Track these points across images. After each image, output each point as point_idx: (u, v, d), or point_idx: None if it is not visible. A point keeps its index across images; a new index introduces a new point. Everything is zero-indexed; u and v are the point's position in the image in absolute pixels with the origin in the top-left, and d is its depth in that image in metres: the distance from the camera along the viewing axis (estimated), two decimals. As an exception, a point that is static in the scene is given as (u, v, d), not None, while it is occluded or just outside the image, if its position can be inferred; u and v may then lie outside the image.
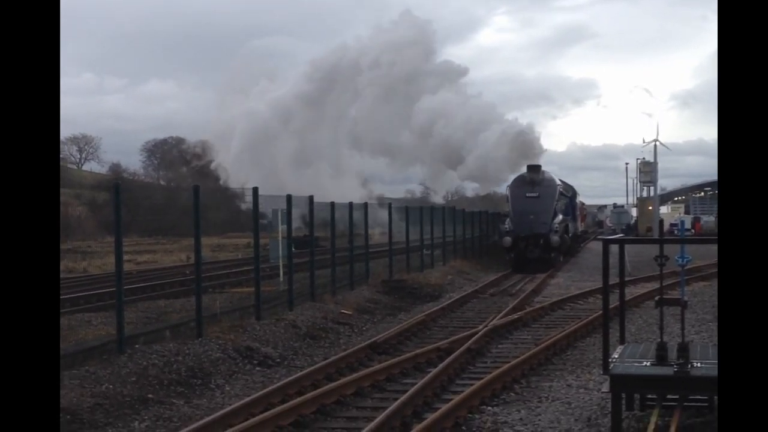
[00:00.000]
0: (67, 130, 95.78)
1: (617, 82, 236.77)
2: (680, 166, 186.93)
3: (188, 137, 72.13)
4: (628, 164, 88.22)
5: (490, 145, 48.33)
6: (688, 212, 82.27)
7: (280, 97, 56.83)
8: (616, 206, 57.90)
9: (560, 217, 37.42)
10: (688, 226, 55.84)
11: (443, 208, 40.08)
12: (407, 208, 31.70)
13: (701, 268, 29.23)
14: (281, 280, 19.67)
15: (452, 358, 13.03)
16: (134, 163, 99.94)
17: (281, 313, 17.42)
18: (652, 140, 67.20)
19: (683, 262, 9.77)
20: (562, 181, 41.65)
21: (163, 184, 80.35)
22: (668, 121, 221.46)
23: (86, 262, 36.85)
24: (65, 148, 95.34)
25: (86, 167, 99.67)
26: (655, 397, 8.85)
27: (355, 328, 18.08)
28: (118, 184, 13.57)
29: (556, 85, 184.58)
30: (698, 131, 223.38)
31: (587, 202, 73.09)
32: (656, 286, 16.80)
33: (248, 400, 10.36)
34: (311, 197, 20.73)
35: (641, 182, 73.98)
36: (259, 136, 55.46)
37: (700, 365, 8.40)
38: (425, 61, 55.94)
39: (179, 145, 78.21)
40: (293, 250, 19.43)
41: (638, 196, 76.51)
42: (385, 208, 30.46)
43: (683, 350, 8.49)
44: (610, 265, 8.53)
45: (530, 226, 35.54)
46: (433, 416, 9.59)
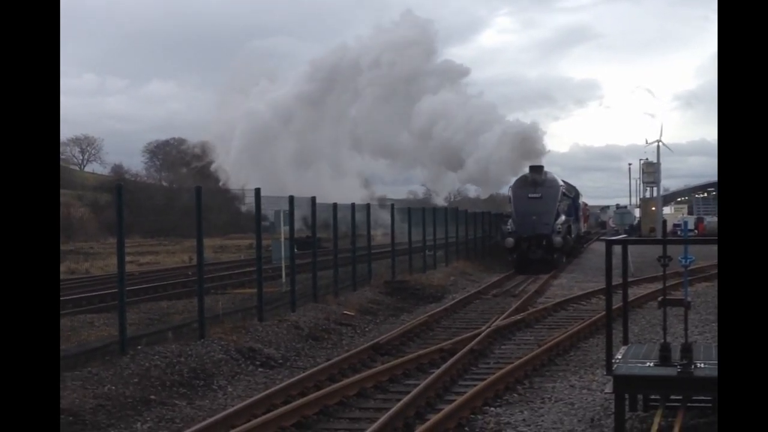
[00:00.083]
0: (69, 131, 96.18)
1: (619, 82, 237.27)
2: (683, 166, 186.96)
3: (190, 138, 71.95)
4: (631, 165, 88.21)
5: (491, 146, 48.03)
6: (691, 213, 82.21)
7: (280, 97, 56.46)
8: (619, 207, 57.91)
9: (563, 217, 37.24)
10: (691, 226, 55.77)
11: (446, 208, 40.01)
12: (410, 209, 31.69)
13: (704, 268, 29.17)
14: (284, 281, 19.67)
15: (455, 359, 13.02)
16: (136, 164, 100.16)
17: (284, 314, 17.41)
18: (654, 141, 67.23)
19: (686, 262, 9.74)
20: (564, 181, 41.52)
21: (165, 185, 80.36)
22: (671, 121, 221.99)
23: (88, 263, 36.87)
24: (67, 149, 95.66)
25: (88, 168, 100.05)
26: (658, 397, 8.83)
27: (357, 329, 18.06)
28: (120, 185, 13.59)
29: (558, 85, 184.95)
30: (701, 131, 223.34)
31: (590, 202, 73.05)
32: (659, 286, 16.80)
33: (251, 401, 10.36)
34: (313, 198, 20.73)
35: (644, 183, 73.82)
36: (259, 136, 55.05)
37: (703, 366, 8.37)
38: (426, 61, 55.57)
39: (180, 146, 78.18)
40: (295, 251, 19.43)
41: (641, 196, 76.36)
42: (386, 209, 30.43)
43: (686, 351, 8.48)
44: (613, 265, 8.52)
45: (533, 226, 35.38)
46: (435, 417, 9.59)
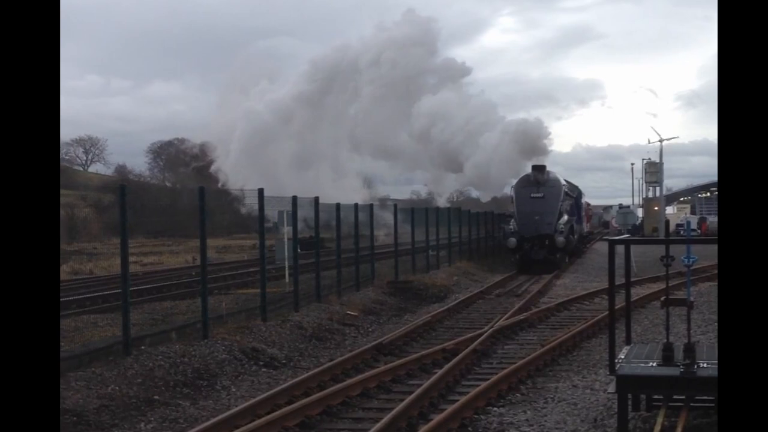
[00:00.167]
0: (72, 131, 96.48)
1: (622, 82, 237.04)
2: (686, 166, 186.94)
3: (192, 138, 71.89)
4: (633, 165, 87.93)
5: (491, 146, 47.77)
6: (694, 212, 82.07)
7: (280, 97, 56.24)
8: (621, 207, 57.68)
9: (565, 217, 37.13)
10: (694, 226, 55.64)
11: (448, 209, 39.97)
12: (413, 209, 31.69)
13: (707, 268, 29.11)
14: (287, 281, 19.68)
15: (458, 359, 13.03)
16: (140, 164, 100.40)
17: (287, 314, 17.42)
18: (657, 140, 67.13)
19: (689, 262, 9.73)
20: (567, 181, 41.41)
21: (168, 185, 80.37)
22: (673, 121, 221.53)
23: (92, 263, 36.88)
24: (71, 150, 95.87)
25: (92, 169, 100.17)
26: (661, 397, 8.83)
27: (360, 329, 18.08)
28: (123, 185, 13.61)
29: (560, 85, 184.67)
30: (703, 131, 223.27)
31: (593, 202, 73.06)
32: (662, 286, 16.76)
33: (254, 401, 10.37)
34: (317, 198, 20.75)
35: (647, 183, 73.60)
36: (258, 137, 54.78)
37: (706, 366, 8.38)
38: (428, 59, 55.23)
39: (180, 146, 78.18)
40: (299, 251, 19.44)
41: (644, 196, 76.18)
42: (387, 209, 30.42)
43: (689, 351, 8.48)
44: (615, 265, 8.52)
45: (535, 226, 35.30)
46: (439, 417, 9.58)
